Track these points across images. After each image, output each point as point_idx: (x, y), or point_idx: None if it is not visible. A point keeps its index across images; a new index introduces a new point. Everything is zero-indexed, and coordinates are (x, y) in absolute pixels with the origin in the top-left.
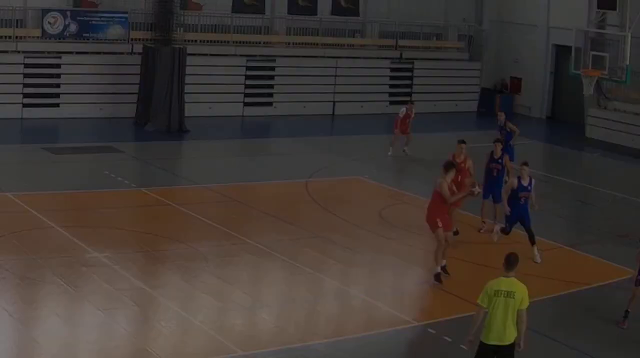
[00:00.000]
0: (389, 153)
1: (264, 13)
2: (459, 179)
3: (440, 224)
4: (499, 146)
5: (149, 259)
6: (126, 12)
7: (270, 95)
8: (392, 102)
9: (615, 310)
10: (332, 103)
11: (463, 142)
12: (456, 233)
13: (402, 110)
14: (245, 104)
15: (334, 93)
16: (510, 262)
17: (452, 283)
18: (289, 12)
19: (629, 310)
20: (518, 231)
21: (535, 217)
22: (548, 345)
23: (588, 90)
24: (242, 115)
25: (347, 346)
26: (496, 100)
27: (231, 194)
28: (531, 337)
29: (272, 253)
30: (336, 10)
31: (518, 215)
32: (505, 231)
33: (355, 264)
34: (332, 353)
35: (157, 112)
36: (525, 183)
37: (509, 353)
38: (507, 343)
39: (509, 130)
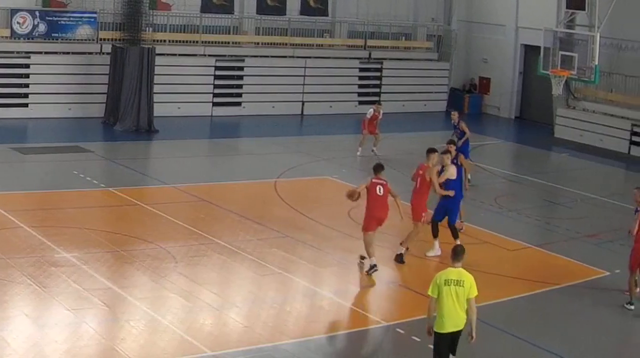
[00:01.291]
0: (358, 153)
1: (233, 13)
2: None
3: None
4: (452, 148)
5: (117, 259)
6: (95, 12)
7: (239, 95)
8: (361, 102)
9: (584, 310)
10: (301, 103)
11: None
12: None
13: (370, 111)
14: (214, 104)
15: (303, 93)
16: (457, 253)
17: (421, 283)
18: (258, 12)
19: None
20: (486, 231)
21: (504, 218)
22: (517, 345)
23: (557, 90)
24: (211, 115)
25: (315, 346)
26: (465, 100)
27: (200, 194)
28: (500, 336)
29: (241, 253)
30: (305, 10)
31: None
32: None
33: (324, 264)
34: (301, 353)
35: (125, 112)
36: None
37: (457, 338)
38: (459, 329)
39: (461, 129)
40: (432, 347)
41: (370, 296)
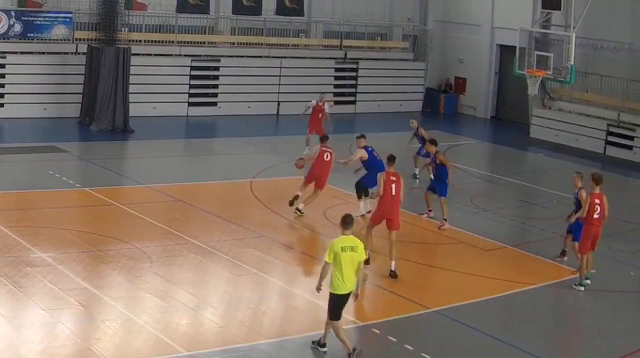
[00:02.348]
0: (305, 152)
1: (209, 13)
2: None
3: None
4: (433, 147)
5: (93, 259)
6: (71, 12)
7: (215, 95)
8: (337, 102)
9: (560, 310)
10: (276, 103)
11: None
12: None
13: (312, 102)
14: (190, 104)
15: (279, 93)
16: (347, 222)
17: (396, 284)
18: (234, 12)
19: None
20: (462, 231)
21: (480, 217)
22: (492, 345)
23: (532, 90)
24: (187, 115)
25: (291, 346)
26: (440, 100)
27: (175, 194)
28: (476, 336)
29: (217, 253)
30: (281, 10)
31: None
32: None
33: (300, 264)
34: (277, 353)
35: (101, 112)
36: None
37: (345, 301)
38: (348, 292)
39: (420, 136)
40: (408, 346)
41: None
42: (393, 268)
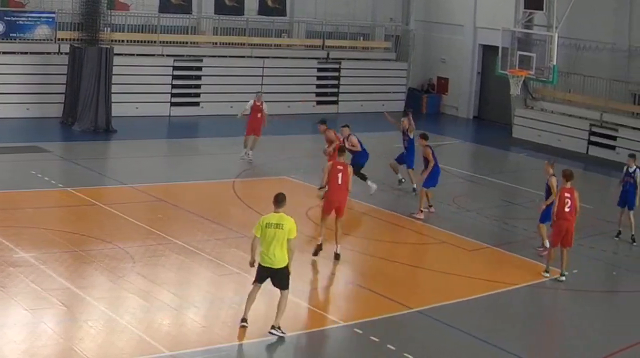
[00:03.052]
0: (241, 155)
1: (191, 13)
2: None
3: None
4: (424, 142)
5: (76, 259)
6: (53, 12)
7: (198, 95)
8: (319, 102)
9: (542, 310)
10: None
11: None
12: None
13: (249, 102)
14: (172, 104)
15: (261, 93)
16: (279, 201)
17: (378, 284)
18: (216, 12)
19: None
20: (444, 231)
21: (462, 217)
22: (475, 345)
23: (515, 90)
24: (169, 115)
25: (273, 346)
26: (423, 100)
27: (158, 194)
28: (458, 336)
29: (199, 253)
30: (263, 10)
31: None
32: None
33: None
34: (259, 353)
35: (84, 112)
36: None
37: (281, 275)
38: (278, 267)
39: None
40: (390, 346)
41: (328, 296)
42: (338, 251)
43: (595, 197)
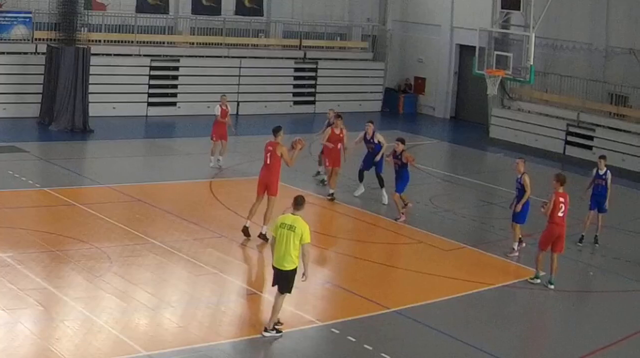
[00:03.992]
0: (211, 164)
1: (168, 13)
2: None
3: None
4: (401, 146)
5: (53, 259)
6: (30, 12)
7: (174, 95)
8: (296, 102)
9: (519, 310)
10: (236, 103)
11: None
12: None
13: (217, 108)
14: (149, 104)
15: (238, 93)
16: (298, 203)
17: (355, 284)
18: (193, 12)
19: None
20: (421, 231)
21: (439, 217)
22: (452, 345)
23: (492, 90)
24: (146, 115)
25: (251, 346)
26: (400, 100)
27: (135, 194)
28: (435, 336)
29: (176, 253)
30: (240, 10)
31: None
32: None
33: (260, 264)
34: (236, 353)
35: (61, 112)
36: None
37: (285, 277)
38: (285, 269)
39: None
40: (367, 346)
41: (305, 296)
42: (264, 232)
43: (572, 197)
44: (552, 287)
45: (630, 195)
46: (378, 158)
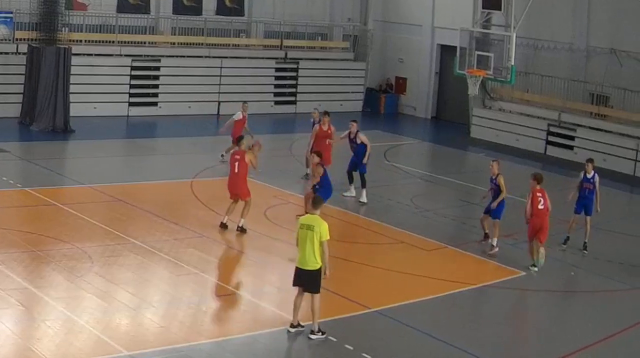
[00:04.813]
0: (221, 158)
1: (149, 13)
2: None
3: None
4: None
5: (34, 259)
6: (11, 12)
7: (156, 95)
8: (277, 102)
9: (500, 310)
10: (217, 103)
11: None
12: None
13: (238, 113)
14: (131, 104)
15: (219, 93)
16: (315, 202)
17: (336, 284)
18: (174, 12)
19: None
20: (402, 231)
21: (420, 217)
22: (432, 345)
23: (473, 90)
24: (127, 115)
25: (232, 346)
26: (381, 100)
27: (116, 194)
28: (416, 337)
29: (157, 253)
30: (221, 10)
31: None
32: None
33: (241, 264)
34: (217, 352)
35: (42, 111)
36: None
37: (310, 277)
38: (308, 268)
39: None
40: (348, 346)
41: (286, 296)
42: (241, 225)
43: (553, 197)
44: (535, 269)
45: (611, 195)
46: (365, 160)
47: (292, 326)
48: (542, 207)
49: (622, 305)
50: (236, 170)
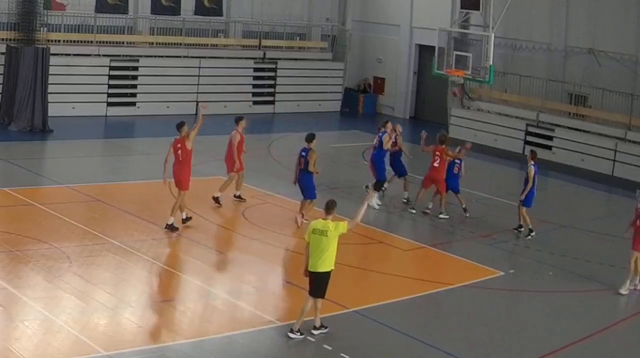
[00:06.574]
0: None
1: (128, 13)
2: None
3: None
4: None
5: (12, 259)
6: None
7: (134, 95)
8: (255, 102)
9: (478, 310)
10: (195, 103)
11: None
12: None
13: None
14: (109, 104)
15: (198, 93)
16: (328, 207)
17: None
18: (152, 12)
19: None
20: (381, 231)
21: (399, 217)
22: (411, 345)
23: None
24: (106, 115)
25: (210, 346)
26: (359, 100)
27: (94, 194)
28: (394, 337)
29: (136, 253)
30: (199, 10)
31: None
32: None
33: (219, 264)
34: (195, 353)
35: (20, 111)
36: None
37: (319, 281)
38: (318, 270)
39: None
40: (326, 346)
41: (265, 296)
42: (169, 223)
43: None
44: (414, 211)
45: (587, 195)
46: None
47: (292, 331)
48: (437, 164)
49: (601, 306)
50: (180, 158)
